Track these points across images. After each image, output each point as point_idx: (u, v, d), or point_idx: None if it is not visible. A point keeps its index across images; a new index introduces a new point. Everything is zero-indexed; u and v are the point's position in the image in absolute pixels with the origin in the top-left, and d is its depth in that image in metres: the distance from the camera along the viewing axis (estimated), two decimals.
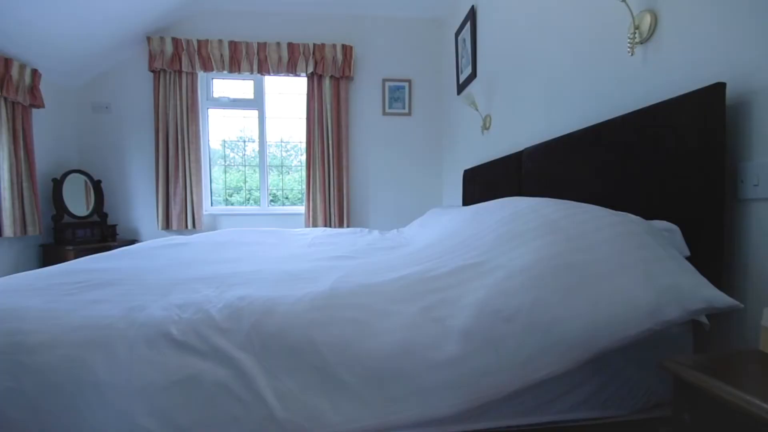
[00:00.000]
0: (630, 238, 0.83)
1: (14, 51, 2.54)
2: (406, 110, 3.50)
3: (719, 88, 0.83)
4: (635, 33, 1.10)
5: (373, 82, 3.46)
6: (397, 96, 3.48)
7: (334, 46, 3.27)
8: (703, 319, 0.75)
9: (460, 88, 2.89)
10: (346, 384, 0.71)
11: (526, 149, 1.71)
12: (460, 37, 2.83)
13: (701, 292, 0.69)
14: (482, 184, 2.29)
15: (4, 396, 0.67)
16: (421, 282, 0.88)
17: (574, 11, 1.46)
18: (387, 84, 3.46)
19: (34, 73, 2.69)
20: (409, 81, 3.48)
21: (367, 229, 2.44)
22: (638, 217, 0.91)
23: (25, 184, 2.62)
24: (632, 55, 1.12)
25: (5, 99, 2.48)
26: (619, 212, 0.94)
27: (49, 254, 2.84)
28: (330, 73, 3.28)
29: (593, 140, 1.24)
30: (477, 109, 2.32)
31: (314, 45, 3.25)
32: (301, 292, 0.88)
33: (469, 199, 2.57)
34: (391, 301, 0.83)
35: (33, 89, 2.68)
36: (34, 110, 2.75)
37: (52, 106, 2.92)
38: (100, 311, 0.78)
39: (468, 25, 2.61)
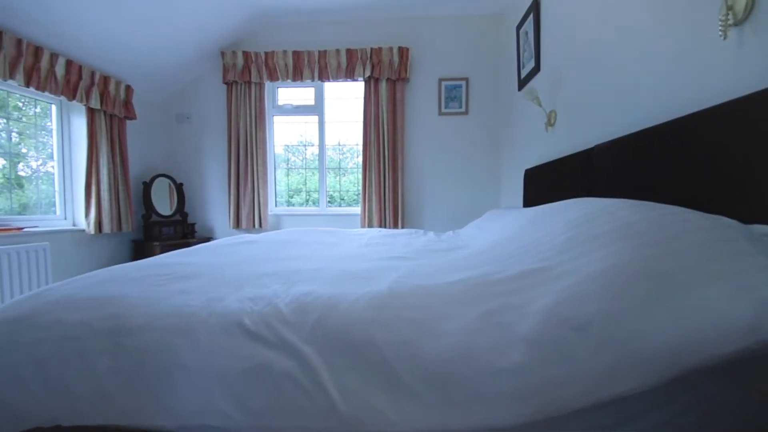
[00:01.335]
0: (724, 244, 0.73)
1: (112, 70, 2.92)
2: (463, 109, 3.43)
3: None
4: (728, 14, 0.98)
5: (429, 82, 3.45)
6: (454, 95, 3.43)
7: (390, 49, 3.31)
8: None
9: (522, 83, 2.76)
10: (405, 384, 0.71)
11: (597, 146, 1.58)
12: (521, 30, 2.71)
13: None
14: (546, 184, 2.17)
15: (106, 373, 0.76)
16: (481, 285, 0.86)
17: None
18: (443, 84, 3.42)
19: (128, 88, 3.06)
20: (466, 79, 3.40)
21: (422, 231, 2.43)
22: (734, 221, 0.80)
23: (120, 187, 2.99)
24: (725, 38, 0.99)
25: (104, 112, 2.86)
26: (711, 215, 0.84)
27: (140, 249, 3.21)
28: (386, 76, 3.32)
29: (676, 135, 1.11)
30: (540, 105, 2.20)
31: (371, 49, 3.32)
32: (360, 290, 0.90)
33: (530, 200, 2.45)
34: (451, 304, 0.81)
35: (127, 103, 3.06)
36: (128, 122, 3.14)
37: (142, 118, 3.31)
38: (184, 301, 0.87)
39: (531, 16, 2.49)
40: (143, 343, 0.77)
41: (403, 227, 3.42)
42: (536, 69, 2.46)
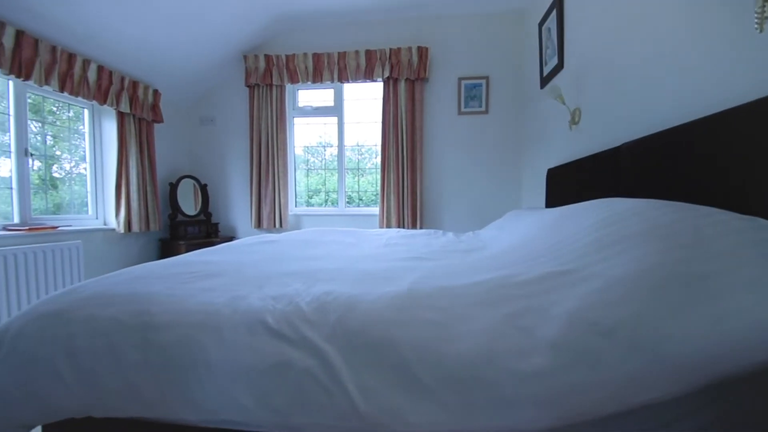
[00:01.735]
0: (761, 247, 0.70)
1: (140, 75, 3.03)
2: (483, 108, 3.39)
3: None
4: (763, 6, 0.93)
5: (448, 81, 3.42)
6: (474, 94, 3.39)
7: (409, 49, 3.31)
8: None
9: (544, 81, 2.71)
10: (425, 385, 0.70)
11: (624, 144, 1.53)
12: (544, 27, 2.66)
13: None
14: (570, 183, 2.12)
15: (134, 367, 0.79)
16: (503, 287, 0.85)
17: None
18: (463, 83, 3.39)
19: (155, 93, 3.17)
20: (487, 78, 3.36)
21: (441, 231, 2.41)
22: None
23: (148, 188, 3.09)
24: (761, 32, 0.95)
25: (133, 116, 2.96)
26: (746, 216, 0.80)
27: (166, 247, 3.32)
28: (405, 76, 3.32)
29: (709, 133, 1.06)
30: (564, 103, 2.15)
31: (390, 50, 3.32)
32: (380, 290, 0.90)
33: (553, 200, 2.40)
34: (472, 306, 0.80)
35: (154, 107, 3.16)
36: (155, 125, 3.25)
37: (169, 121, 3.42)
38: (209, 298, 0.89)
39: (554, 12, 2.44)
40: (170, 338, 0.80)
41: (421, 228, 3.41)
42: (559, 66, 2.40)
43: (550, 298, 0.78)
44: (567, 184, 2.16)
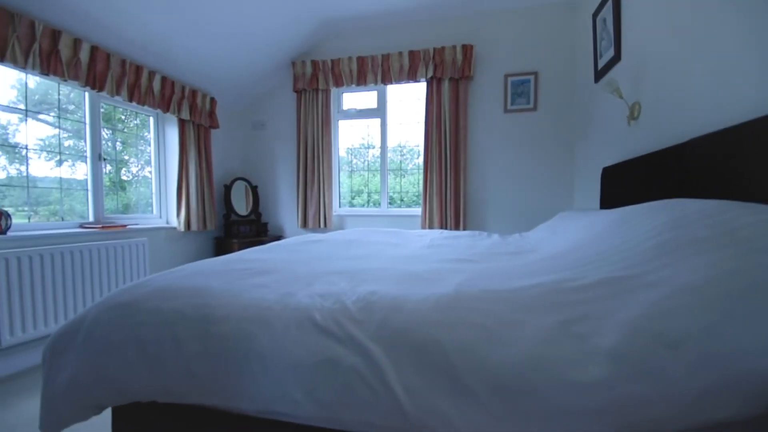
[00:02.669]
0: None
1: (199, 83, 3.25)
2: (531, 105, 3.26)
3: None
4: None
5: (494, 79, 3.33)
6: (521, 91, 3.27)
7: (453, 47, 3.26)
8: None
9: (599, 74, 2.55)
10: (472, 390, 0.69)
11: (691, 140, 1.40)
12: (598, 18, 2.50)
13: None
14: (628, 183, 1.98)
15: (195, 356, 0.84)
16: (555, 293, 0.81)
17: None
18: (509, 79, 3.28)
19: (212, 100, 3.38)
20: (535, 74, 3.23)
21: (485, 233, 2.35)
22: None
23: (206, 190, 3.31)
24: None
25: (193, 122, 3.19)
26: None
27: (221, 245, 3.53)
28: (449, 75, 3.28)
29: None
30: (622, 97, 2.01)
31: (434, 49, 3.30)
32: (425, 292, 0.89)
33: (609, 201, 2.25)
34: (521, 311, 0.78)
35: (211, 113, 3.38)
36: (212, 130, 3.47)
37: (223, 126, 3.64)
38: (262, 294, 0.94)
39: (609, 1, 2.29)
40: (227, 330, 0.85)
41: (464, 229, 3.34)
42: (616, 58, 2.25)
43: (608, 305, 0.73)
44: (625, 184, 2.02)
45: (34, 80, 2.25)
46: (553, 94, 3.22)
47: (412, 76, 3.39)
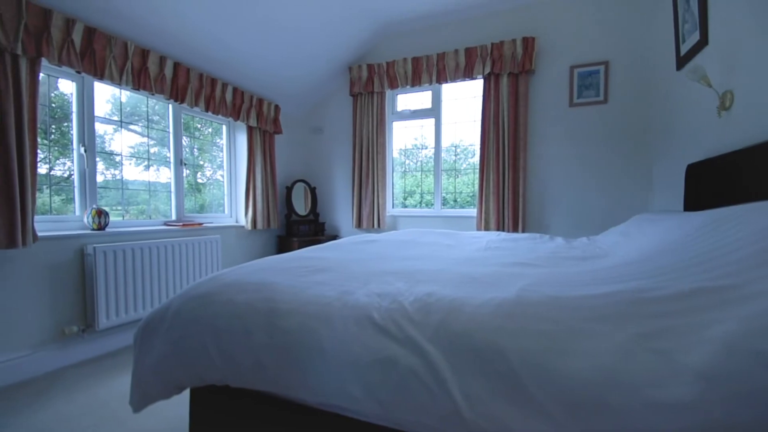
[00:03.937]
0: None
1: (264, 92, 3.47)
2: (601, 98, 3.01)
3: None
4: None
5: (558, 71, 3.13)
6: (589, 82, 3.04)
7: (513, 41, 3.13)
8: None
9: (682, 61, 2.29)
10: (536, 401, 0.65)
11: None
12: None
13: None
14: (719, 182, 1.75)
15: (262, 347, 0.90)
16: (632, 303, 0.74)
17: None
18: (576, 71, 3.07)
19: (276, 107, 3.59)
20: (606, 63, 2.98)
21: (547, 236, 2.22)
22: None
23: (270, 191, 3.52)
24: None
25: (259, 129, 3.40)
26: None
27: (282, 243, 3.73)
28: (508, 70, 3.15)
29: None
30: (710, 85, 1.78)
31: (492, 44, 3.19)
32: (484, 296, 0.86)
33: (695, 201, 2.01)
34: (592, 320, 0.72)
35: (275, 120, 3.58)
36: (276, 136, 3.68)
37: (286, 131, 3.84)
38: (322, 291, 0.97)
39: None
40: (291, 324, 0.89)
41: (523, 231, 3.19)
42: (703, 42, 2.00)
43: (696, 319, 0.65)
44: (715, 183, 1.79)
45: (125, 94, 2.56)
46: (627, 84, 2.95)
47: (468, 74, 3.31)
